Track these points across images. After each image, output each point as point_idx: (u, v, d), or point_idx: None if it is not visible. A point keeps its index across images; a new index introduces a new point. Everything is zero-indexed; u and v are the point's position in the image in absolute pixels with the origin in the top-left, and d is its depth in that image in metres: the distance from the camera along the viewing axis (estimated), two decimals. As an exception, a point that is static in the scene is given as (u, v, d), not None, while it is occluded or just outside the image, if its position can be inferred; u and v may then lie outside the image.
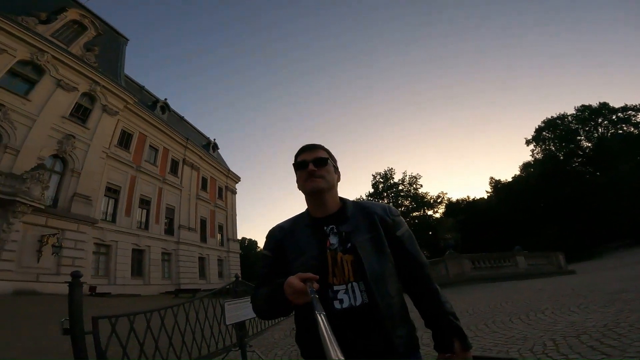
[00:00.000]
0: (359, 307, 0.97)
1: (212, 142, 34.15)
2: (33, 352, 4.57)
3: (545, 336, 3.69)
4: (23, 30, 16.21)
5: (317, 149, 1.15)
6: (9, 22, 15.64)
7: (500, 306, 6.48)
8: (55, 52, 17.55)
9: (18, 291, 13.20)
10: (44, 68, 17.12)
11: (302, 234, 1.10)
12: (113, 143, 20.65)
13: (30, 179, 14.26)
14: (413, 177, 42.64)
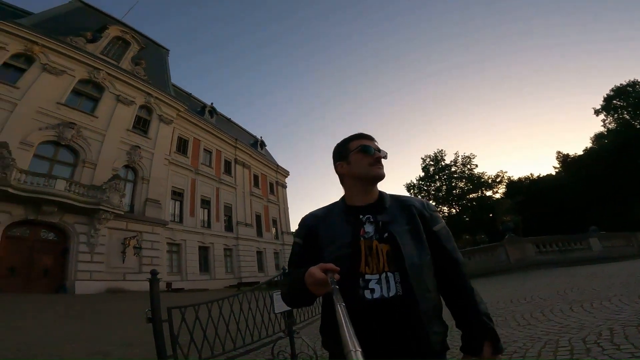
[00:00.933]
0: (391, 299, 0.93)
1: (259, 140, 35.33)
2: (124, 342, 5.00)
3: (604, 325, 3.48)
4: (77, 50, 17.79)
5: (375, 140, 1.17)
6: (63, 45, 17.22)
7: (563, 293, 6.07)
8: (109, 68, 19.10)
9: (110, 290, 14.83)
10: (103, 85, 18.76)
11: (336, 221, 1.08)
12: (172, 150, 22.24)
13: (109, 189, 15.85)
14: (466, 158, 40.06)
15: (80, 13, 20.58)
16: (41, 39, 16.23)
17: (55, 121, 15.77)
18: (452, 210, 39.85)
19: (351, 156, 1.13)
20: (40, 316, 7.38)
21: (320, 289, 0.85)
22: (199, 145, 25.01)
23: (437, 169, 41.07)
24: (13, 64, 15.49)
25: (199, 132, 25.38)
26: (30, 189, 13.29)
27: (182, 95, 26.55)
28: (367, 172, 1.10)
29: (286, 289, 1.06)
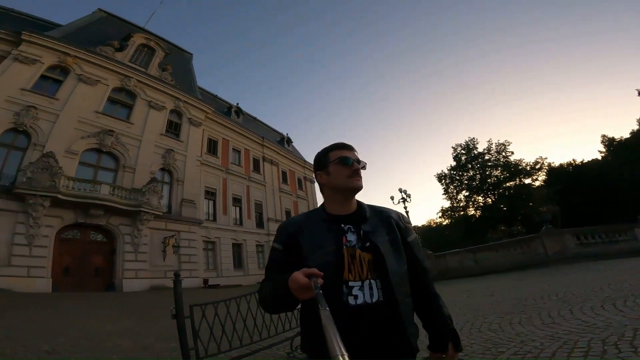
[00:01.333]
0: (375, 304, 0.99)
1: (285, 136, 35.58)
2: (163, 336, 5.18)
3: (630, 325, 3.36)
4: (108, 60, 18.59)
5: (355, 150, 1.18)
6: (94, 55, 18.06)
7: (598, 289, 5.69)
8: (139, 76, 19.85)
9: (153, 287, 15.55)
10: (135, 92, 19.55)
11: (318, 229, 1.10)
12: (203, 151, 22.91)
13: (148, 191, 16.60)
14: (501, 145, 37.90)
15: (105, 23, 21.49)
16: (73, 50, 17.14)
17: (95, 129, 16.69)
18: (488, 199, 38.05)
19: (330, 167, 1.16)
20: (93, 313, 7.88)
21: (303, 293, 0.86)
22: (227, 145, 25.60)
23: (469, 158, 39.28)
24: (50, 76, 16.44)
25: (227, 132, 25.97)
26: (78, 195, 14.20)
27: (209, 97, 27.22)
28: (346, 183, 1.13)
29: (267, 294, 1.05)
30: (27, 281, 12.34)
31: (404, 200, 15.68)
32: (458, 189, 39.77)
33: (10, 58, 15.12)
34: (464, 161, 39.49)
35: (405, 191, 15.79)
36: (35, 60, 15.76)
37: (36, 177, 13.18)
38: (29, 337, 4.83)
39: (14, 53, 15.25)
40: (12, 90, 14.61)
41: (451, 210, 40.87)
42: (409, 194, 15.80)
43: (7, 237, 12.55)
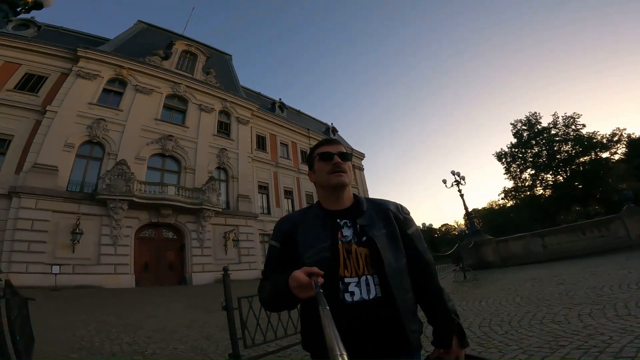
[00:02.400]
0: (372, 300, 0.97)
1: (330, 126, 35.40)
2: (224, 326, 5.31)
3: None
4: (157, 69, 19.75)
5: (339, 144, 1.17)
6: (146, 65, 19.26)
7: None
8: (187, 81, 20.86)
9: (217, 280, 16.35)
10: (186, 97, 20.62)
11: (313, 225, 1.08)
12: (253, 147, 23.65)
13: (208, 190, 17.54)
14: (569, 118, 33.68)
15: (147, 33, 22.82)
16: (127, 63, 18.47)
17: (157, 135, 17.96)
18: (559, 177, 34.22)
19: (315, 165, 1.15)
20: (166, 306, 8.54)
21: (304, 292, 0.85)
22: (275, 140, 26.15)
23: (532, 134, 35.58)
24: (111, 88, 17.93)
25: (273, 127, 26.50)
26: (149, 197, 15.46)
27: (252, 95, 27.87)
28: (327, 180, 1.10)
29: (267, 293, 1.03)
30: (114, 278, 13.79)
31: (457, 184, 14.58)
32: (522, 168, 36.46)
33: (73, 75, 16.69)
34: (527, 137, 35.90)
35: (459, 174, 14.67)
36: (95, 75, 17.27)
37: (113, 183, 14.59)
38: (114, 331, 5.37)
39: (75, 70, 16.81)
40: (81, 105, 16.18)
41: (515, 190, 37.70)
42: (462, 177, 14.65)
43: (95, 238, 14.10)
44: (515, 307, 4.84)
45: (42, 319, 5.92)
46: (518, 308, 4.75)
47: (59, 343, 4.47)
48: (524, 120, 36.48)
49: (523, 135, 36.21)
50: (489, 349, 3.18)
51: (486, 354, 3.03)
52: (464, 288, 8.06)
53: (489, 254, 12.90)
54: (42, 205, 13.24)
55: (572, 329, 3.36)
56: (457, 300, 6.18)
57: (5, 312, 2.34)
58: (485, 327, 3.97)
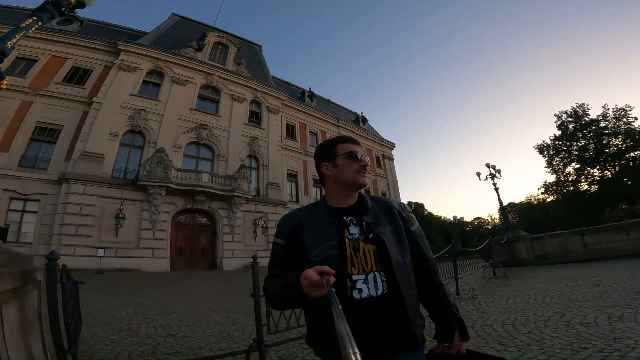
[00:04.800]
0: (380, 297, 0.98)
1: (360, 116, 34.85)
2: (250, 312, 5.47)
3: None
4: (192, 61, 20.27)
5: (362, 145, 1.17)
6: (181, 57, 19.82)
7: None
8: (219, 72, 21.29)
9: (245, 266, 16.81)
10: (218, 88, 21.08)
11: (320, 222, 1.08)
12: (283, 136, 23.87)
13: (239, 177, 18.01)
14: (620, 110, 30.72)
15: (180, 26, 23.32)
16: (164, 55, 19.16)
17: (192, 125, 18.58)
18: (606, 172, 31.57)
19: (338, 159, 1.12)
20: (198, 290, 8.92)
21: (315, 291, 0.84)
22: (305, 129, 26.22)
23: (578, 126, 32.87)
24: (150, 80, 18.72)
25: (302, 116, 26.52)
26: (185, 183, 16.14)
27: (282, 85, 27.93)
28: (353, 178, 1.10)
29: (277, 291, 0.99)
30: (152, 261, 14.65)
31: (492, 177, 13.85)
32: (566, 161, 33.95)
33: (115, 67, 17.57)
34: (572, 130, 33.27)
35: (494, 166, 13.92)
36: (135, 68, 18.06)
37: (153, 170, 15.36)
38: (150, 313, 5.66)
39: (117, 62, 17.67)
40: (124, 96, 17.05)
41: (557, 185, 35.30)
42: (498, 169, 13.89)
43: (136, 223, 15.00)
44: (544, 307, 4.66)
45: (87, 301, 6.31)
46: (546, 308, 4.59)
47: (101, 324, 4.77)
48: (569, 111, 33.74)
49: (568, 128, 33.56)
50: (508, 347, 3.11)
51: (505, 352, 2.97)
52: (492, 285, 7.79)
53: (522, 251, 12.34)
54: (89, 191, 14.25)
55: (599, 332, 3.24)
56: (483, 297, 6.00)
57: (62, 295, 2.48)
58: (508, 326, 3.87)
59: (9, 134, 14.14)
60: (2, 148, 13.82)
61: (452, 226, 32.37)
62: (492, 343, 3.28)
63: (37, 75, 15.89)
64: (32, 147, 14.59)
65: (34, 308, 1.96)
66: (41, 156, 14.59)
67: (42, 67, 16.23)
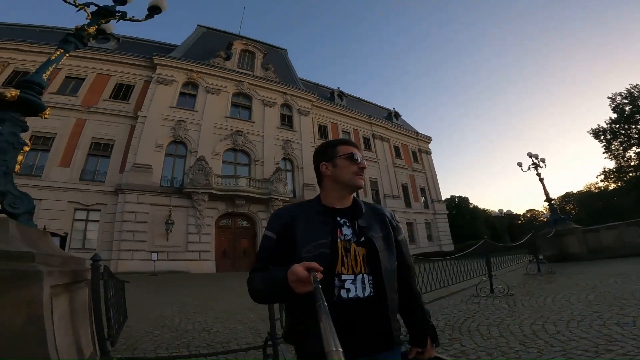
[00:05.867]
0: (366, 298, 1.01)
1: (392, 111, 34.24)
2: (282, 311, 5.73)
3: None
4: (222, 70, 21.05)
5: (360, 149, 1.38)
6: (212, 67, 20.67)
7: None
8: (249, 79, 21.92)
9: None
10: (249, 94, 21.71)
11: (313, 220, 1.09)
12: (315, 137, 24.02)
13: (275, 180, 18.43)
14: None
15: (207, 37, 24.33)
16: (196, 67, 20.13)
17: (228, 132, 19.34)
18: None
19: (338, 160, 1.14)
20: (235, 290, 9.32)
21: (302, 287, 0.85)
22: (336, 128, 26.22)
23: (635, 108, 29.65)
24: (186, 92, 19.74)
25: (333, 116, 26.57)
26: (225, 189, 16.84)
27: (311, 86, 28.19)
28: (351, 180, 1.13)
29: (261, 285, 1.01)
30: (199, 264, 15.46)
31: (535, 167, 12.86)
32: (625, 145, 30.78)
33: (154, 81, 18.75)
34: (630, 112, 30.06)
35: (537, 156, 12.95)
36: (171, 80, 19.15)
37: (195, 178, 16.24)
38: (191, 311, 6.08)
39: (154, 77, 18.85)
40: (164, 109, 18.17)
41: (618, 171, 32.08)
42: (542, 159, 12.90)
43: (183, 227, 15.91)
44: (583, 306, 4.35)
45: (140, 300, 7.01)
46: (586, 307, 4.29)
47: (147, 320, 5.22)
48: (624, 93, 30.55)
49: (625, 110, 30.40)
50: (528, 348, 3.00)
51: (523, 353, 2.90)
52: (533, 282, 7.26)
53: (573, 245, 11.33)
54: (142, 200, 15.39)
55: (634, 334, 3.02)
56: (520, 295, 5.64)
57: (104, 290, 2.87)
58: (537, 326, 3.67)
59: (69, 151, 15.66)
60: (64, 164, 15.35)
61: (498, 220, 30.55)
62: (513, 343, 3.19)
63: (87, 93, 17.39)
64: (90, 161, 16.04)
65: (84, 302, 2.37)
66: (98, 170, 16.00)
67: (89, 85, 17.74)
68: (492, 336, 3.51)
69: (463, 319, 4.44)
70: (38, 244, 2.04)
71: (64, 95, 16.62)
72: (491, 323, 4.04)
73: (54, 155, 15.28)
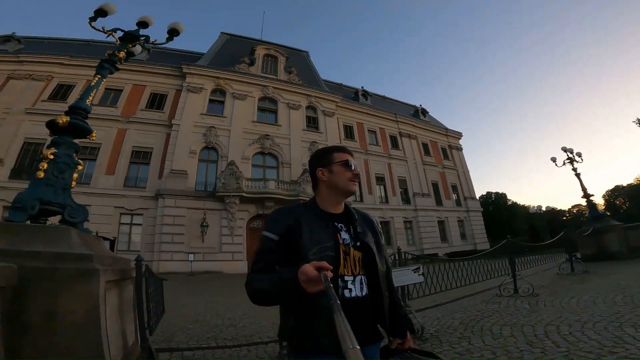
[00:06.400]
0: (363, 297, 1.11)
1: (419, 108, 33.52)
2: None
3: None
4: (247, 76, 21.70)
5: (355, 157, 1.27)
6: (238, 73, 21.37)
7: None
8: (273, 83, 22.42)
9: (317, 266, 17.71)
10: (275, 98, 22.21)
11: (316, 224, 1.13)
12: (341, 137, 24.14)
13: (303, 182, 18.72)
14: None
15: (231, 43, 25.14)
16: (222, 74, 20.92)
17: (255, 136, 19.95)
18: None
19: (334, 166, 1.19)
20: None
21: (312, 286, 0.88)
22: (362, 128, 26.13)
23: None
24: (214, 99, 20.58)
25: (358, 116, 26.50)
26: (255, 192, 17.40)
27: (334, 87, 28.29)
28: (346, 186, 1.19)
29: (267, 286, 1.02)
30: (232, 264, 16.08)
31: (570, 162, 12.16)
32: None
33: (184, 90, 19.72)
34: None
35: (571, 150, 12.24)
36: (200, 88, 20.05)
37: (227, 182, 16.93)
38: (222, 308, 6.55)
39: (184, 85, 19.83)
40: (195, 116, 19.11)
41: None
42: (578, 153, 12.18)
43: (217, 230, 16.64)
44: (607, 307, 4.24)
45: (177, 297, 7.57)
46: (609, 308, 4.18)
47: (183, 316, 5.69)
48: None
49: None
50: (534, 348, 3.02)
51: (527, 353, 2.92)
52: (564, 282, 6.96)
53: (612, 243, 10.55)
54: (179, 204, 16.31)
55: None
56: (545, 296, 5.49)
57: (145, 287, 3.30)
58: (551, 327, 3.65)
59: (113, 159, 16.91)
60: (109, 171, 16.61)
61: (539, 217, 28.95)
62: (520, 343, 3.23)
63: (125, 104, 18.64)
64: (132, 169, 17.23)
65: (130, 296, 2.83)
66: (140, 176, 17.15)
67: (127, 96, 18.95)
68: (503, 336, 3.55)
69: (479, 319, 4.46)
70: (94, 247, 2.45)
71: (105, 106, 17.89)
72: (506, 323, 4.04)
73: (100, 163, 16.60)
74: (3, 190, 14.14)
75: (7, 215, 2.47)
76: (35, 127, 15.77)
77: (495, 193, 45.99)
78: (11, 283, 1.66)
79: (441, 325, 4.44)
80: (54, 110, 16.82)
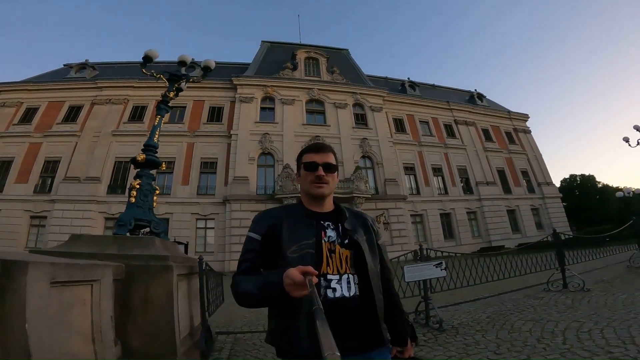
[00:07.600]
0: (352, 298, 1.04)
1: (474, 93, 31.32)
2: None
3: None
4: (293, 81, 22.63)
5: (327, 152, 1.19)
6: (283, 80, 22.42)
7: None
8: (317, 85, 23.05)
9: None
10: (321, 100, 22.80)
11: (298, 222, 1.12)
12: (392, 131, 23.83)
13: (356, 179, 19.03)
14: None
15: (272, 50, 26.29)
16: (269, 82, 22.15)
17: (306, 138, 20.59)
18: None
19: (301, 170, 1.18)
20: None
21: (297, 291, 0.86)
22: (413, 120, 25.40)
23: None
24: (265, 106, 21.88)
25: (408, 108, 25.83)
26: (310, 191, 18.25)
27: (379, 82, 27.89)
28: (309, 189, 1.15)
29: (252, 289, 1.01)
30: (293, 262, 17.10)
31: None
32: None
33: (237, 101, 21.30)
34: None
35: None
36: (251, 98, 21.48)
37: (284, 184, 18.01)
38: None
39: (237, 96, 21.40)
40: (250, 124, 20.58)
41: None
42: None
43: (278, 229, 17.85)
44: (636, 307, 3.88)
45: None
46: (630, 314, 3.76)
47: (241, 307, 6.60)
48: None
49: None
50: (540, 345, 3.03)
51: (530, 349, 2.92)
52: (630, 276, 6.27)
53: None
54: (244, 207, 17.81)
55: None
56: (597, 291, 5.20)
57: (205, 280, 3.93)
58: (576, 323, 3.52)
59: (186, 171, 19.13)
60: (185, 182, 18.85)
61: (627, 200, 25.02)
62: (530, 340, 3.18)
63: (190, 120, 20.79)
64: (202, 178, 19.30)
65: (196, 287, 3.76)
66: (209, 184, 19.16)
67: (190, 112, 21.07)
68: (520, 331, 3.52)
69: (509, 313, 4.39)
70: (171, 250, 3.53)
71: (174, 123, 20.22)
72: (532, 319, 3.95)
73: (176, 175, 18.90)
74: (104, 204, 17.06)
75: (114, 230, 3.63)
76: (122, 147, 18.70)
77: (581, 175, 40.55)
78: (122, 277, 2.56)
79: (468, 318, 4.46)
80: (135, 130, 19.72)
